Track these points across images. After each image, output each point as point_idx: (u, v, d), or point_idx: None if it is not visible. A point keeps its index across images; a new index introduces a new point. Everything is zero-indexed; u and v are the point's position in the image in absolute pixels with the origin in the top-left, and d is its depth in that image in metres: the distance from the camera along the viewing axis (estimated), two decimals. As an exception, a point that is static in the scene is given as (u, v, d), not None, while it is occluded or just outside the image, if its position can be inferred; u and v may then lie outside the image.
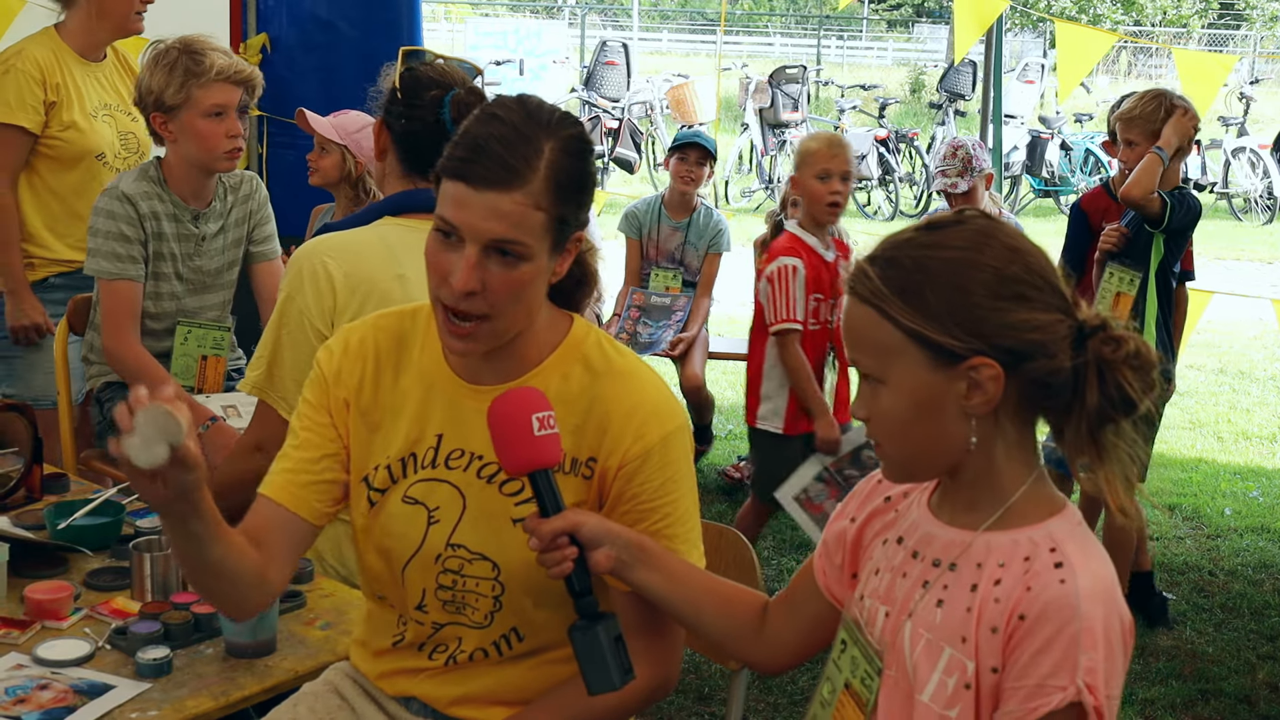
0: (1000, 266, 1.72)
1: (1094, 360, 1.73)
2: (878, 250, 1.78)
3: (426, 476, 2.13)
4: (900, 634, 1.80)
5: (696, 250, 6.27)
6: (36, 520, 2.92)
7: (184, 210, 3.80)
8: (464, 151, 1.96)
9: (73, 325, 4.03)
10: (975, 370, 1.71)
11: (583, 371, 2.11)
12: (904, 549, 1.86)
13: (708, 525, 2.63)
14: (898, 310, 1.72)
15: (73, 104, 4.23)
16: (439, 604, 2.15)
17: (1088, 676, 1.64)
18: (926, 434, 1.77)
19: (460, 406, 2.12)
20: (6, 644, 2.42)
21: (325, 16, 5.62)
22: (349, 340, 2.21)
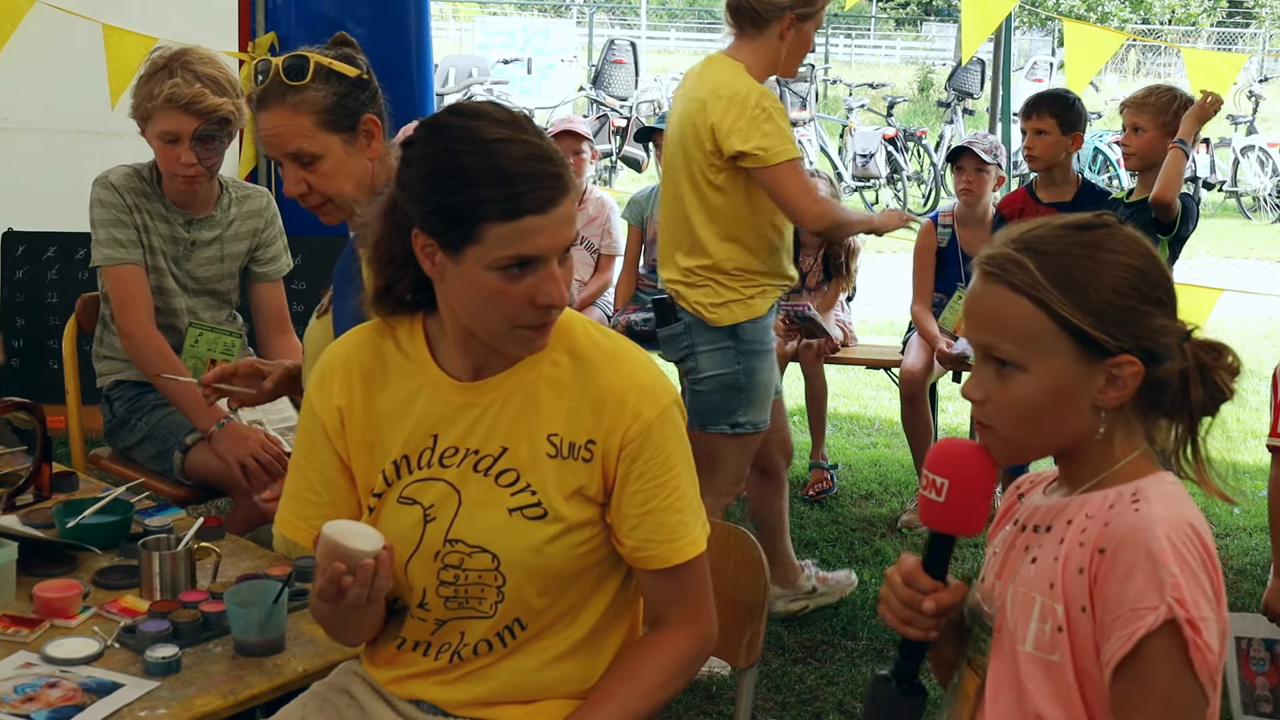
0: (1145, 269, 1.81)
1: (1195, 363, 1.82)
2: (1025, 241, 1.83)
3: (422, 476, 2.15)
4: (1005, 597, 1.86)
5: None
6: (45, 519, 2.93)
7: (176, 213, 3.80)
8: (515, 188, 1.97)
9: (81, 323, 4.04)
10: (1119, 367, 1.78)
11: (570, 358, 2.14)
12: (1016, 527, 1.93)
13: (716, 525, 2.63)
14: (1058, 302, 1.78)
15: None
16: (440, 601, 2.16)
17: (1174, 592, 1.67)
18: (1053, 422, 1.83)
19: (454, 405, 2.14)
20: (15, 642, 2.43)
21: (333, 16, 5.62)
22: (331, 364, 2.22)
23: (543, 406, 2.12)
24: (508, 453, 2.12)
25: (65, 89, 5.78)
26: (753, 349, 4.16)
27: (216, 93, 3.63)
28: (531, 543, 2.10)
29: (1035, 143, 5.03)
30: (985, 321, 1.84)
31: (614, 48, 17.08)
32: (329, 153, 2.84)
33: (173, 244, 3.81)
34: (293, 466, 2.26)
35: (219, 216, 3.87)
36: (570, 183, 2.02)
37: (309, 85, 2.80)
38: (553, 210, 1.98)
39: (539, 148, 2.00)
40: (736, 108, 4.00)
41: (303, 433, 2.24)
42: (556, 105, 16.68)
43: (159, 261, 3.78)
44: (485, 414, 2.13)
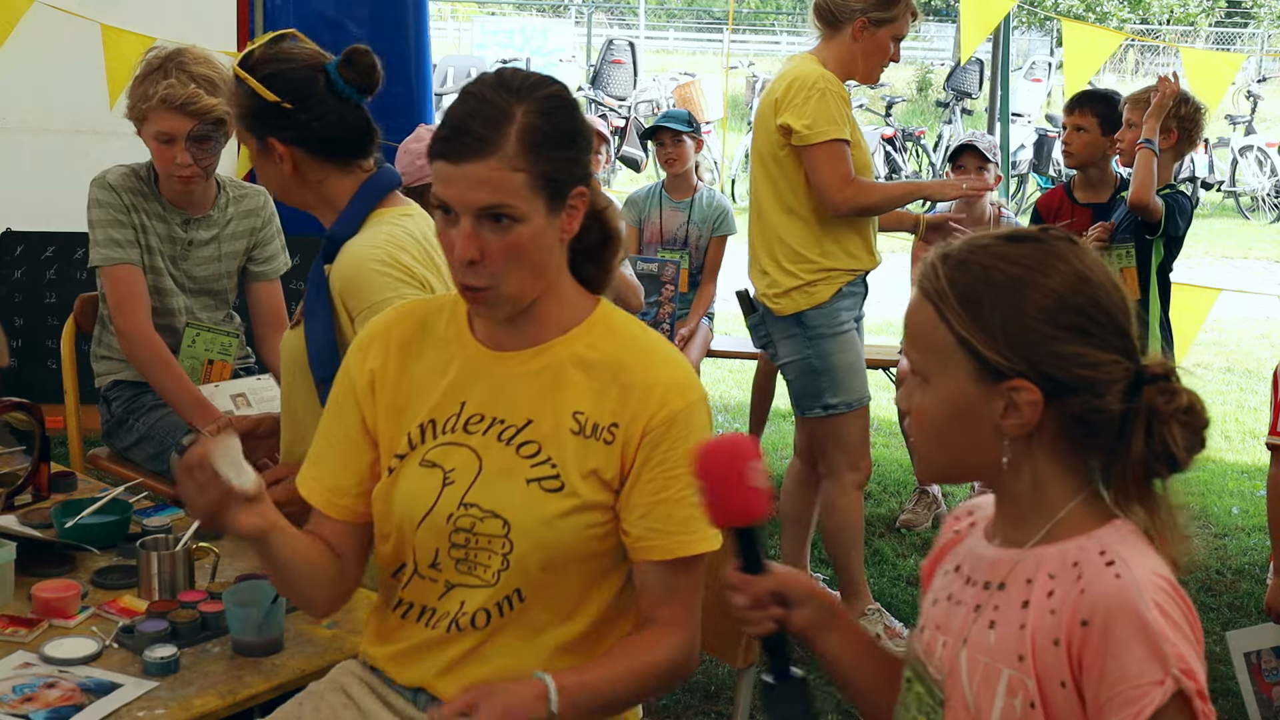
0: (1065, 294, 1.68)
1: (1145, 409, 1.67)
2: (954, 249, 1.74)
3: (446, 441, 2.18)
4: (957, 663, 1.75)
5: (700, 232, 6.25)
6: (44, 519, 2.93)
7: (173, 213, 3.80)
8: (444, 131, 2.06)
9: (80, 323, 4.04)
10: (1015, 391, 1.67)
11: (605, 343, 2.17)
12: (959, 576, 1.83)
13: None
14: (953, 314, 1.69)
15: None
16: (452, 562, 2.17)
17: (1179, 663, 1.57)
18: (958, 442, 1.74)
19: (485, 373, 2.18)
20: (14, 642, 2.43)
21: (332, 15, 5.63)
22: (375, 329, 2.28)
23: (570, 385, 2.15)
24: (532, 425, 2.15)
25: (63, 89, 5.78)
26: (821, 333, 4.30)
27: (211, 93, 3.63)
28: (544, 514, 2.12)
29: (1073, 139, 5.00)
30: (906, 328, 1.79)
31: (612, 48, 17.07)
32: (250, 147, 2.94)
33: (170, 244, 3.81)
34: (319, 429, 2.30)
35: (216, 216, 3.87)
36: (493, 150, 2.01)
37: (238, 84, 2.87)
38: (462, 164, 2.02)
39: (483, 107, 2.05)
40: (795, 85, 4.18)
41: (333, 396, 2.29)
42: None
43: (156, 261, 3.78)
44: (513, 385, 2.16)
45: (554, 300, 2.17)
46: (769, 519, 1.87)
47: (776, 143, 4.24)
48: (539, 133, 2.04)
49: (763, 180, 4.35)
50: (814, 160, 4.18)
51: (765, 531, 5.29)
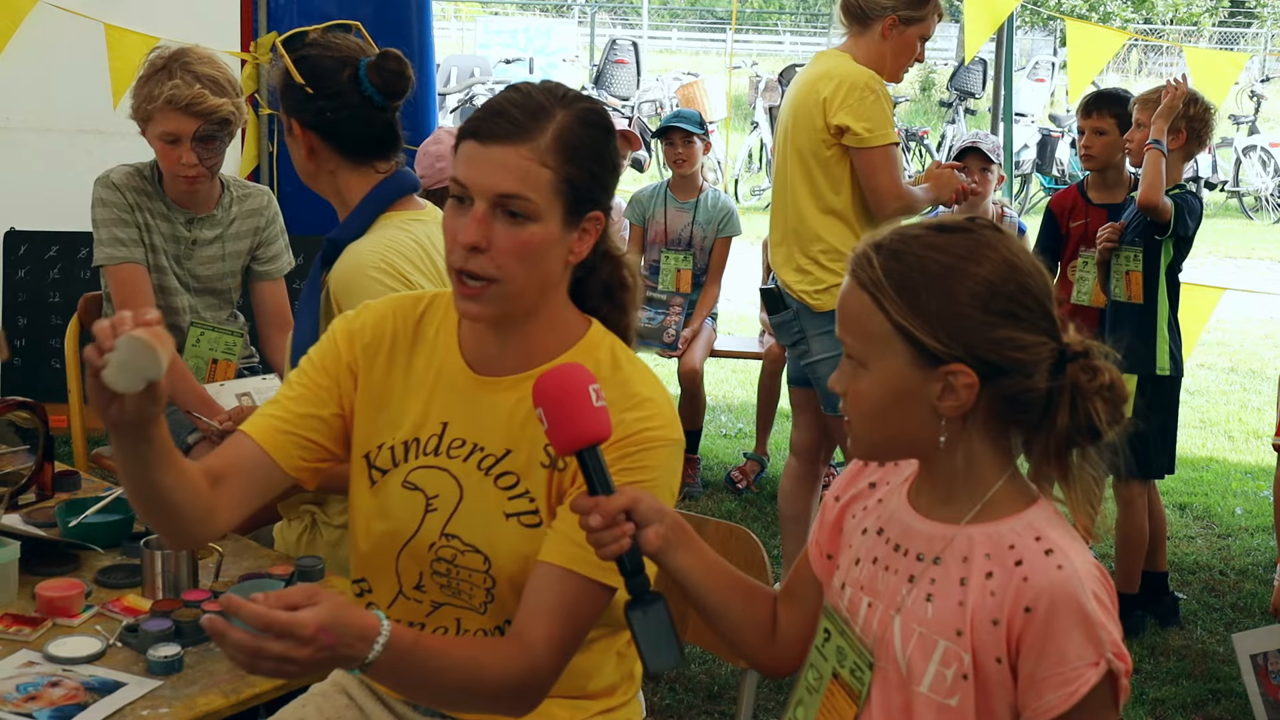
0: (996, 281, 1.76)
1: (1070, 385, 1.77)
2: (885, 239, 1.81)
3: (428, 463, 2.14)
4: (889, 629, 1.83)
5: (705, 233, 6.25)
6: (48, 518, 2.92)
7: (177, 213, 3.81)
8: (479, 113, 2.04)
9: (84, 322, 4.05)
10: (953, 375, 1.75)
11: (595, 365, 2.10)
12: (884, 541, 1.90)
13: (717, 524, 2.63)
14: (891, 303, 1.76)
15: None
16: (436, 586, 2.15)
17: (1113, 647, 1.71)
18: (896, 424, 1.81)
19: (468, 397, 2.14)
20: (18, 641, 2.42)
21: (335, 15, 5.61)
22: (367, 314, 2.24)
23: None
24: (510, 455, 2.11)
25: (67, 88, 5.78)
26: None
27: (216, 93, 3.63)
28: (524, 551, 2.07)
29: (1094, 142, 4.97)
30: (841, 315, 1.84)
31: (616, 47, 17.08)
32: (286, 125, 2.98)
33: (174, 243, 3.81)
34: (285, 381, 2.25)
35: (220, 215, 3.87)
36: (527, 137, 1.99)
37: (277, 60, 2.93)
38: (491, 145, 1.99)
39: (526, 98, 2.03)
40: (846, 85, 4.18)
41: (311, 354, 2.23)
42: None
43: (160, 260, 3.78)
44: (494, 412, 2.12)
45: (545, 322, 2.12)
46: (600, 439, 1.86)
47: (822, 141, 4.23)
48: (575, 138, 2.02)
49: (799, 178, 4.33)
50: (873, 163, 4.18)
51: (769, 531, 5.30)
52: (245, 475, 2.13)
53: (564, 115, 2.02)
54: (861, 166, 4.22)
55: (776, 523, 5.47)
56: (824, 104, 4.21)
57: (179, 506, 2.02)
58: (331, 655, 1.75)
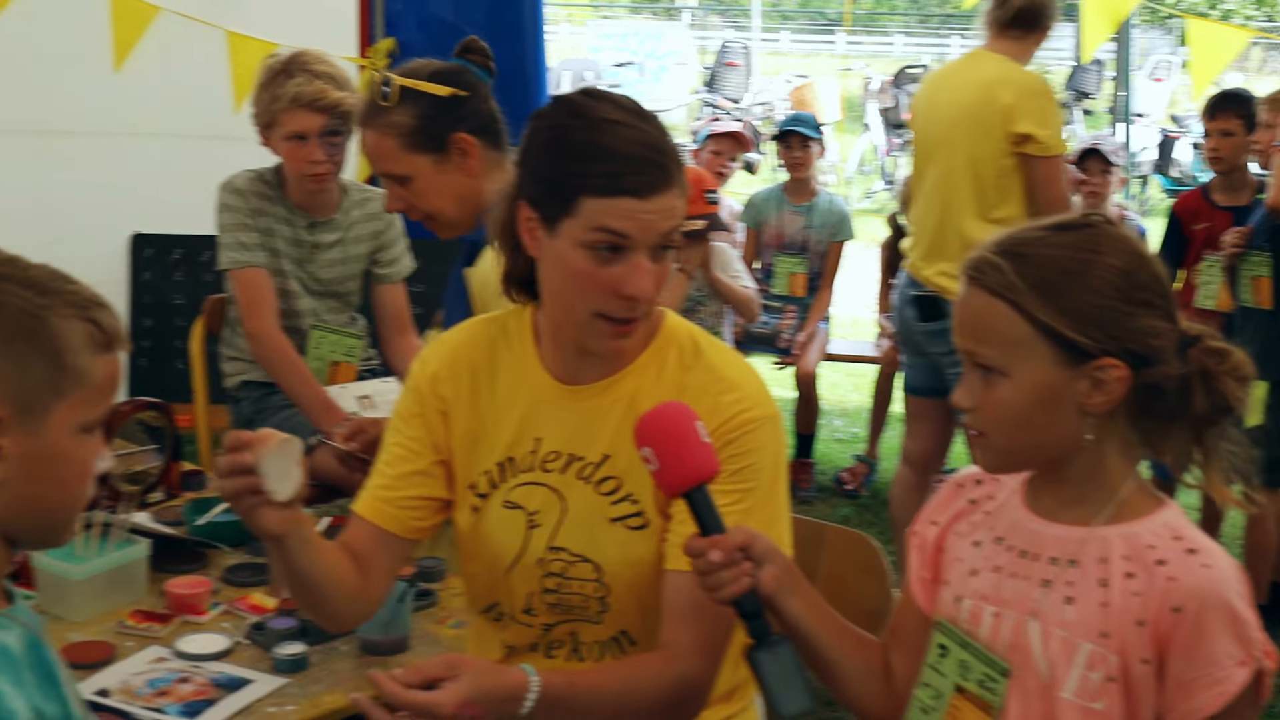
0: (1130, 270, 1.76)
1: (1198, 369, 1.78)
2: (1005, 244, 1.81)
3: (525, 480, 2.13)
4: (1025, 635, 1.81)
5: (819, 236, 6.22)
6: (175, 516, 2.98)
7: (299, 217, 3.86)
8: (616, 166, 1.95)
9: (209, 325, 4.12)
10: (1102, 370, 1.74)
11: (676, 363, 2.11)
12: (1006, 549, 1.87)
13: (836, 530, 2.61)
14: (1033, 304, 1.75)
15: None
16: (546, 606, 2.14)
17: (1262, 646, 1.72)
18: (1040, 428, 1.79)
19: (558, 408, 2.13)
20: (148, 637, 2.47)
21: (451, 20, 5.67)
22: (442, 352, 2.22)
23: (642, 411, 2.03)
24: (609, 460, 2.09)
25: (189, 95, 5.87)
26: None
27: (337, 88, 3.70)
28: (633, 555, 2.07)
29: (1221, 144, 4.88)
30: (967, 327, 1.82)
31: (727, 50, 17.06)
32: (418, 173, 2.90)
33: (296, 247, 3.86)
34: (383, 450, 2.23)
35: (341, 219, 3.92)
36: (676, 179, 1.98)
37: (394, 108, 2.86)
38: (652, 198, 1.95)
39: (651, 136, 1.99)
40: (1029, 91, 4.16)
41: (398, 409, 2.23)
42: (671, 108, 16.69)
43: (282, 264, 3.84)
44: (588, 419, 2.11)
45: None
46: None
47: (1001, 150, 4.16)
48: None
49: (965, 185, 4.26)
50: (1053, 171, 4.15)
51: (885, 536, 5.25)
52: (374, 554, 2.16)
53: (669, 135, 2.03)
54: (1042, 175, 4.14)
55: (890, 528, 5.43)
56: (1006, 111, 4.14)
57: (335, 594, 2.08)
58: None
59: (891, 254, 6.20)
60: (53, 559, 2.55)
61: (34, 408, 1.42)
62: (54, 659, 1.51)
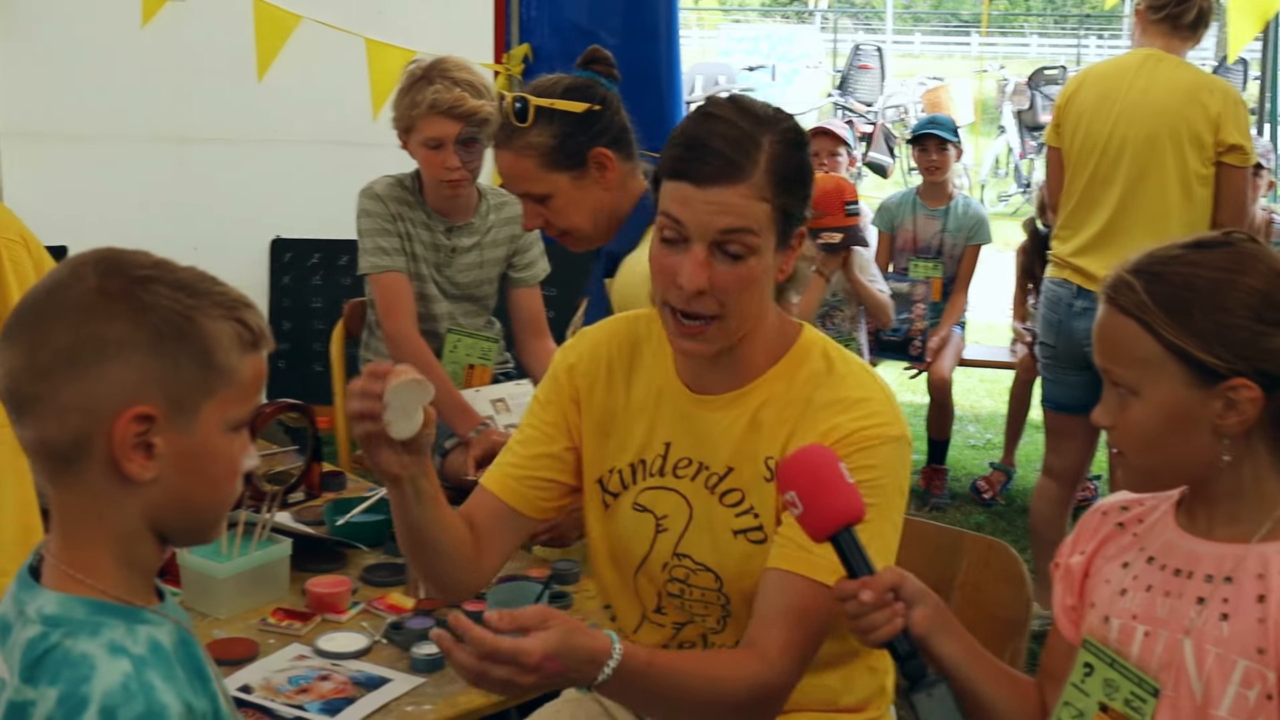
0: (1268, 291, 1.74)
1: None
2: (1141, 263, 1.79)
3: (655, 484, 2.14)
4: (1178, 653, 1.78)
5: (954, 240, 6.15)
6: (315, 516, 3.03)
7: (437, 221, 3.90)
8: (685, 150, 1.99)
9: (349, 328, 4.19)
10: (1234, 391, 1.72)
11: (806, 378, 2.08)
12: (1158, 568, 1.84)
13: (974, 538, 2.57)
14: (1163, 325, 1.73)
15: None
16: (674, 606, 2.16)
17: None
18: (1174, 448, 1.78)
19: (688, 416, 2.13)
20: (289, 635, 2.52)
21: (586, 26, 5.69)
22: (583, 343, 2.25)
23: (765, 428, 2.07)
24: (733, 472, 2.09)
25: (328, 102, 5.97)
26: None
27: (475, 96, 3.73)
28: (753, 568, 2.05)
29: None
30: (1104, 346, 1.81)
31: (860, 52, 16.95)
32: (557, 191, 2.90)
33: (434, 251, 3.90)
34: (518, 430, 2.27)
35: (478, 224, 3.95)
36: (743, 177, 1.95)
37: (530, 128, 2.86)
38: (709, 188, 1.95)
39: (734, 131, 1.98)
40: (1233, 99, 4.07)
41: (537, 394, 2.27)
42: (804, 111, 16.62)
43: (421, 268, 3.88)
44: (715, 429, 2.11)
45: (757, 340, 2.09)
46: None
47: (1207, 159, 4.09)
48: (786, 165, 1.99)
49: (1159, 192, 4.16)
50: (1244, 182, 4.08)
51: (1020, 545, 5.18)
52: (494, 528, 2.18)
53: (771, 142, 1.98)
54: (1237, 186, 4.06)
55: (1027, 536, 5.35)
56: (1216, 119, 4.05)
57: (448, 557, 2.10)
58: (560, 679, 1.77)
59: (1028, 259, 6.11)
60: (198, 557, 2.61)
61: (185, 406, 1.45)
62: (203, 654, 1.54)
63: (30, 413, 1.44)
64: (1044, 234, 5.96)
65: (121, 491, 1.45)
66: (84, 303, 1.43)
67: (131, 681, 1.38)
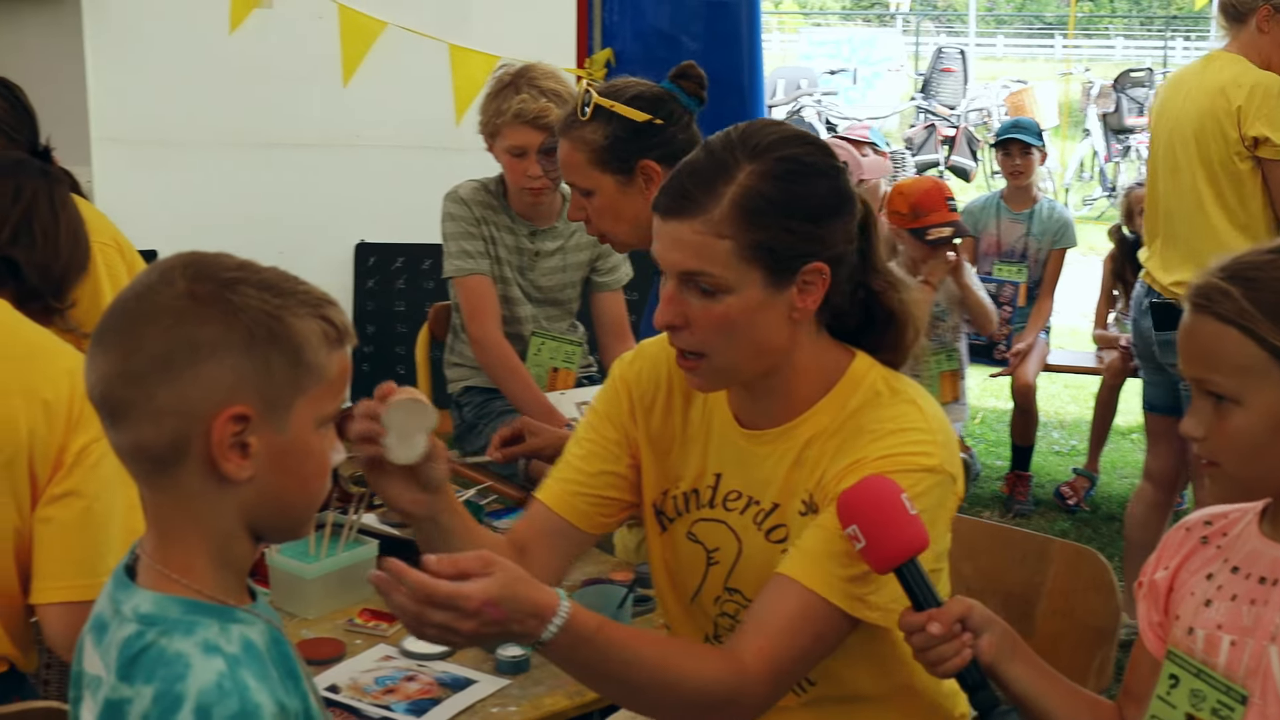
0: None
1: None
2: (1232, 269, 1.77)
3: (706, 516, 2.12)
4: (1264, 660, 1.76)
5: (1039, 244, 6.10)
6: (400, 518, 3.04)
7: (521, 225, 3.92)
8: (666, 183, 1.99)
9: (434, 331, 4.22)
10: None
11: (857, 406, 2.02)
12: (1243, 577, 1.83)
13: (1062, 544, 2.55)
14: (1268, 330, 1.71)
15: None
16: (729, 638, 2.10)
17: None
18: (1277, 454, 1.76)
19: (737, 449, 2.10)
20: (376, 636, 2.54)
21: (668, 30, 5.69)
22: (643, 359, 2.22)
23: (807, 463, 2.02)
24: (779, 509, 2.06)
25: (411, 107, 6.01)
26: None
27: (560, 106, 3.73)
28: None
29: None
30: (1196, 355, 1.78)
31: (943, 56, 16.85)
32: (601, 190, 2.91)
33: (518, 255, 3.93)
34: (574, 443, 2.24)
35: (561, 228, 3.97)
36: (698, 211, 1.91)
37: (588, 123, 2.88)
38: (669, 220, 1.93)
39: (702, 164, 1.95)
40: (1260, 92, 4.03)
41: (595, 403, 2.24)
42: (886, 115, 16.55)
43: (505, 272, 3.91)
44: (762, 465, 2.07)
45: (795, 375, 2.02)
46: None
47: (1235, 154, 4.07)
48: (760, 199, 1.91)
49: (1208, 192, 4.15)
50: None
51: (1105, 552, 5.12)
52: (549, 543, 2.16)
53: (748, 174, 1.92)
54: (1276, 177, 4.02)
55: (1112, 544, 5.30)
56: (1238, 113, 4.04)
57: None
58: (500, 630, 1.70)
59: (1116, 266, 6.05)
60: (287, 558, 2.64)
61: (278, 405, 1.47)
62: (294, 654, 1.56)
63: (126, 417, 1.46)
64: (1131, 240, 5.90)
65: (218, 491, 1.47)
66: (175, 307, 1.45)
67: (226, 680, 1.40)
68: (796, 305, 1.96)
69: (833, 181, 1.98)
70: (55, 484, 2.27)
